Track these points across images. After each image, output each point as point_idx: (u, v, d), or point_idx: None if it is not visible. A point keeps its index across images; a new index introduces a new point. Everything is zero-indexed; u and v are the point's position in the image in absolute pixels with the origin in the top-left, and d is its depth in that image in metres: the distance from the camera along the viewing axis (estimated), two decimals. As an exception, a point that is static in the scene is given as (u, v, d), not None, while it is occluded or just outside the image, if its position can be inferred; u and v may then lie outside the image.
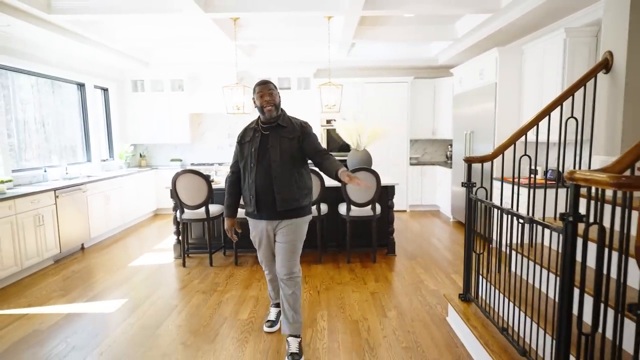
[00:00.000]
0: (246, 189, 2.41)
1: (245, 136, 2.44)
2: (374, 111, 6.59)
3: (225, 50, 6.03)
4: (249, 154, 2.37)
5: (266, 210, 2.37)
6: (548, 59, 3.92)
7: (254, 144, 2.37)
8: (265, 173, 2.32)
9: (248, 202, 2.41)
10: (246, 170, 2.39)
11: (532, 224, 1.93)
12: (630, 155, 1.56)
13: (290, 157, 2.35)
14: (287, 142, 2.35)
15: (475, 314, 2.60)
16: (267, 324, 2.75)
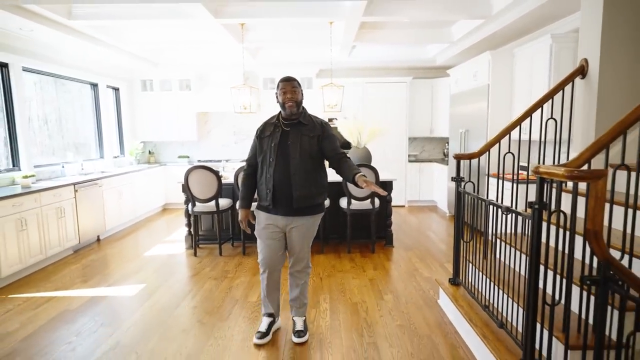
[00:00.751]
0: (263, 182, 2.42)
1: (265, 130, 2.45)
2: (374, 110, 6.87)
3: (231, 52, 6.29)
4: (269, 149, 2.38)
5: (282, 205, 2.39)
6: (536, 62, 4.18)
7: (274, 139, 2.38)
8: (284, 169, 2.35)
9: (264, 196, 2.42)
10: (264, 164, 2.40)
11: (508, 213, 2.21)
12: (587, 153, 1.83)
13: (309, 155, 2.38)
14: (307, 140, 2.38)
15: (463, 295, 2.88)
16: (257, 335, 2.57)
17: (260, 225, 2.51)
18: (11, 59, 4.40)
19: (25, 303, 3.24)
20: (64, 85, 5.53)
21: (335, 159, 2.43)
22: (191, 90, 7.14)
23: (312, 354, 2.46)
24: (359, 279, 3.68)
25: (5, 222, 3.54)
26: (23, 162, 4.55)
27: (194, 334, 2.72)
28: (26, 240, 3.78)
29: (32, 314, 3.05)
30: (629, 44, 2.68)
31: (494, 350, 2.15)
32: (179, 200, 7.06)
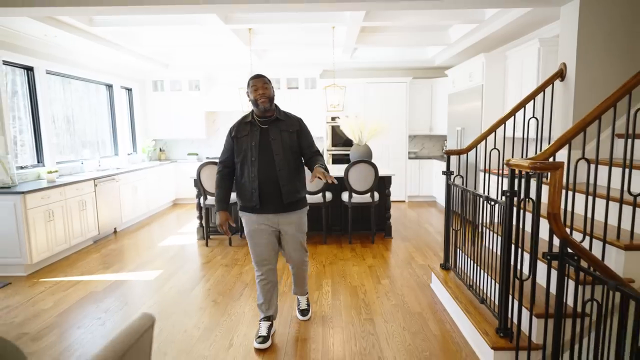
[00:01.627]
0: (246, 182, 2.39)
1: (241, 130, 2.42)
2: (376, 109, 7.16)
3: (238, 53, 6.59)
4: (249, 148, 2.37)
5: (270, 203, 2.40)
6: (526, 64, 4.45)
7: (253, 138, 2.37)
8: (268, 167, 2.35)
9: (248, 196, 2.40)
10: (245, 165, 2.38)
11: (487, 201, 2.50)
12: (552, 148, 2.12)
13: (291, 150, 2.42)
14: (287, 136, 2.40)
15: (452, 278, 3.18)
16: (258, 340, 2.51)
17: (251, 227, 2.47)
18: (36, 63, 4.73)
19: (55, 286, 3.58)
20: (82, 86, 5.87)
21: (309, 155, 2.49)
22: (200, 90, 7.46)
23: (315, 327, 2.77)
24: (358, 266, 3.98)
25: (35, 213, 3.87)
26: (47, 158, 4.89)
27: (209, 311, 3.04)
28: (53, 230, 4.12)
29: (63, 294, 3.38)
30: (602, 50, 2.95)
31: (475, 322, 2.45)
32: (188, 196, 7.41)
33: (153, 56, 6.62)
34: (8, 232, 3.75)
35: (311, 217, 4.82)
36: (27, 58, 4.60)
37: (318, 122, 7.30)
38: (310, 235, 4.93)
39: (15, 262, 3.80)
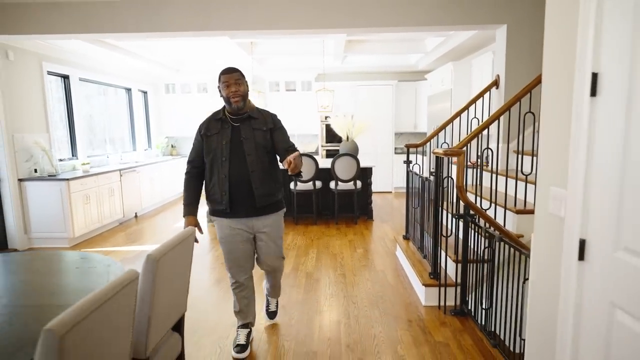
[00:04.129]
0: (215, 185, 2.20)
1: (211, 128, 2.24)
2: (366, 109, 7.99)
3: (241, 60, 7.42)
4: (219, 147, 2.18)
5: (242, 207, 2.21)
6: (484, 71, 5.26)
7: (223, 137, 2.19)
8: (239, 167, 2.18)
9: (218, 199, 2.20)
10: (215, 165, 2.20)
11: (428, 182, 3.33)
12: (465, 140, 2.94)
13: (264, 150, 2.24)
14: (260, 134, 2.22)
15: (410, 246, 4.01)
16: (237, 350, 2.35)
17: (224, 232, 2.28)
18: (71, 72, 5.60)
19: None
20: (106, 90, 6.74)
21: (283, 151, 2.28)
22: (208, 93, 8.31)
23: (300, 280, 3.61)
24: (340, 240, 4.83)
25: (76, 197, 4.75)
26: (80, 152, 5.76)
27: (218, 270, 3.89)
28: (89, 211, 5.00)
29: (102, 259, 4.25)
30: (524, 65, 3.76)
31: (417, 271, 3.29)
32: (197, 187, 8.28)
33: (166, 62, 7.48)
34: (56, 211, 4.62)
35: (304, 202, 5.67)
36: (65, 68, 5.47)
37: (313, 121, 8.14)
38: (303, 218, 5.78)
39: (60, 235, 4.68)
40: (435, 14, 3.76)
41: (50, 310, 1.42)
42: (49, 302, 1.53)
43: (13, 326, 1.32)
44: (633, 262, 1.19)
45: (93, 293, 1.10)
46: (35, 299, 1.57)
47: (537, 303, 1.71)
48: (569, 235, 1.46)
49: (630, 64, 1.18)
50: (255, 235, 2.34)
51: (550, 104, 1.62)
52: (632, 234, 1.19)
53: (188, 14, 3.76)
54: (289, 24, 3.80)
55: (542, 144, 1.68)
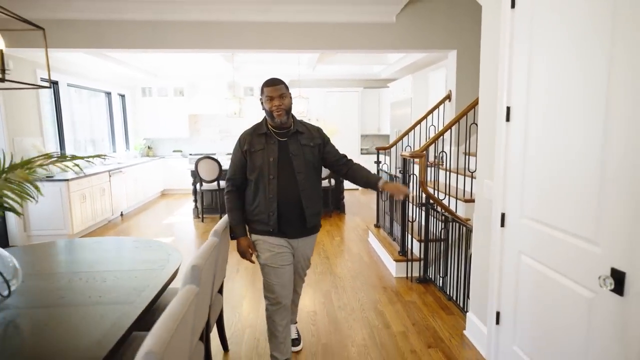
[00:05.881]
0: (261, 204, 2.07)
1: (255, 143, 2.08)
2: (335, 113, 8.72)
3: (219, 66, 7.90)
4: (266, 165, 2.04)
5: (291, 227, 2.10)
6: (439, 83, 6.14)
7: (270, 153, 2.05)
8: (288, 186, 2.05)
9: (264, 219, 2.07)
10: (261, 183, 2.06)
11: (396, 179, 4.09)
12: (426, 145, 3.72)
13: (312, 166, 2.13)
14: (309, 150, 2.11)
15: (381, 232, 4.77)
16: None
17: (269, 252, 2.10)
18: (60, 78, 5.88)
19: (96, 248, 4.84)
20: (88, 94, 6.99)
21: (342, 164, 2.24)
22: (184, 96, 8.69)
23: (290, 262, 4.25)
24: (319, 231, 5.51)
25: (75, 196, 5.10)
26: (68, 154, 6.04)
27: (218, 257, 4.45)
28: (85, 209, 5.35)
29: (106, 252, 4.66)
30: (470, 84, 4.62)
31: (389, 251, 4.03)
32: (175, 187, 8.65)
33: (145, 67, 7.80)
34: (57, 209, 4.95)
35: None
36: (55, 74, 5.74)
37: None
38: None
39: (61, 232, 5.01)
40: (398, 39, 4.52)
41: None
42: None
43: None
44: (530, 224, 1.96)
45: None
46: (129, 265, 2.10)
47: (477, 257, 2.49)
48: (495, 211, 2.23)
49: (526, 103, 1.95)
50: (293, 254, 2.19)
51: (484, 124, 2.40)
52: (529, 208, 1.96)
53: (192, 33, 4.28)
54: (278, 45, 4.42)
55: (479, 152, 2.46)
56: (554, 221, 1.76)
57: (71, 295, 1.74)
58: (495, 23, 2.24)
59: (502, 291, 2.22)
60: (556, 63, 1.72)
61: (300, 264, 2.28)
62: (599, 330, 1.53)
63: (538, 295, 1.90)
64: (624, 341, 1.40)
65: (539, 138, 1.86)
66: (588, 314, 1.57)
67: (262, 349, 2.56)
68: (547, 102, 1.79)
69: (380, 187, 2.17)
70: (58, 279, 1.93)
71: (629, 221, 1.37)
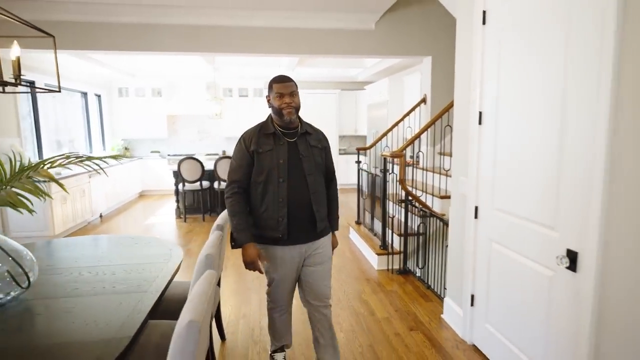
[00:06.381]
0: (269, 209, 1.95)
1: (262, 144, 1.97)
2: (314, 114, 8.90)
3: (198, 66, 7.93)
4: (276, 166, 1.93)
5: (301, 232, 1.98)
6: (414, 87, 6.45)
7: (279, 154, 1.95)
8: (299, 189, 1.95)
9: (273, 225, 1.95)
10: (269, 186, 1.94)
11: (378, 177, 4.33)
12: (405, 145, 3.98)
13: (320, 170, 2.06)
14: (317, 152, 2.04)
15: (362, 229, 5.00)
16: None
17: (275, 262, 2.02)
18: (37, 77, 5.80)
19: (79, 249, 4.84)
20: (66, 94, 6.89)
21: (329, 178, 2.17)
22: (162, 97, 8.67)
23: (276, 258, 4.42)
24: (302, 229, 5.70)
25: (56, 197, 5.07)
26: (45, 155, 5.96)
27: (204, 255, 4.56)
28: (66, 211, 5.31)
29: (90, 253, 4.68)
30: (445, 88, 4.93)
31: (370, 245, 4.27)
32: (154, 187, 8.62)
33: (122, 67, 7.74)
34: (37, 211, 4.91)
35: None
36: (31, 74, 5.66)
37: (266, 125, 8.88)
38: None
39: (42, 234, 4.97)
40: (377, 45, 4.77)
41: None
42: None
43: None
44: (499, 215, 2.22)
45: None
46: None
47: (453, 247, 2.75)
48: (469, 204, 2.49)
49: (496, 108, 2.22)
50: (304, 261, 2.05)
51: (459, 127, 2.66)
52: (499, 201, 2.22)
53: (177, 37, 4.37)
54: (262, 50, 4.58)
55: (454, 152, 2.72)
56: (520, 211, 2.03)
57: (85, 286, 1.86)
58: (469, 36, 2.50)
59: (476, 276, 2.48)
60: (520, 73, 1.99)
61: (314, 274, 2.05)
62: (557, 303, 1.79)
63: (507, 277, 2.17)
64: (578, 310, 1.67)
65: (506, 139, 2.12)
66: (548, 289, 1.84)
67: (257, 336, 2.73)
68: (513, 107, 2.06)
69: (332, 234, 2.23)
70: (67, 273, 2.04)
71: (580, 210, 1.64)
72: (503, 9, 2.13)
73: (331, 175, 2.18)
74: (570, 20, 1.67)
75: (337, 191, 2.23)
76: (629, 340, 1.47)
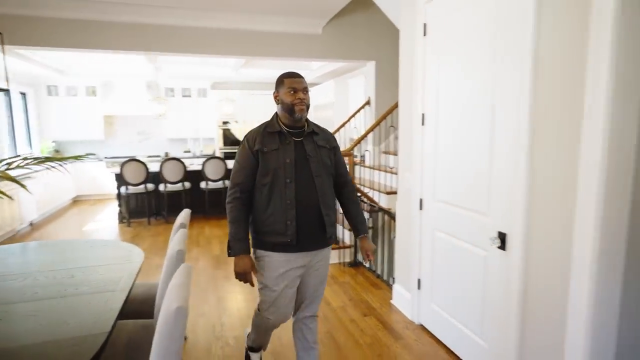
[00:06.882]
0: (276, 212, 1.82)
1: (267, 143, 1.85)
2: (259, 115, 8.94)
3: (138, 65, 7.62)
4: (282, 167, 1.82)
5: (310, 238, 1.86)
6: (358, 89, 6.76)
7: (286, 154, 1.83)
8: (307, 191, 1.83)
9: (280, 230, 1.81)
10: (276, 188, 1.82)
11: (326, 175, 4.53)
12: (352, 144, 4.21)
13: (329, 171, 1.93)
14: (325, 153, 1.93)
15: (312, 226, 5.17)
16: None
17: (276, 272, 1.85)
18: (-47, 73, 5.25)
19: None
20: (-16, 92, 6.29)
21: (342, 181, 2.03)
22: (97, 96, 8.20)
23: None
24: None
25: (-19, 204, 4.65)
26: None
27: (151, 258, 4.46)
28: (-7, 218, 4.89)
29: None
30: (388, 91, 5.26)
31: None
32: (89, 192, 8.13)
33: (49, 63, 7.19)
34: (-41, 220, 4.47)
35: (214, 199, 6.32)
36: (-54, 69, 5.13)
37: (210, 126, 8.76)
38: (215, 213, 6.48)
39: (-35, 245, 4.53)
40: (324, 49, 4.98)
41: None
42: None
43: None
44: (441, 206, 2.50)
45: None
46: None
47: (400, 237, 3.01)
48: (415, 197, 2.75)
49: (436, 110, 2.49)
50: (305, 270, 1.92)
51: (403, 127, 2.92)
52: (440, 193, 2.50)
53: (122, 35, 4.23)
54: (210, 51, 4.58)
55: (399, 150, 2.97)
56: (458, 201, 2.31)
57: (45, 290, 1.82)
58: (411, 46, 2.76)
59: (422, 262, 2.75)
60: (457, 80, 2.27)
61: (311, 284, 1.96)
62: (491, 279, 2.08)
63: (449, 260, 2.44)
64: (508, 283, 1.97)
65: (446, 138, 2.40)
66: (484, 268, 2.13)
67: (218, 332, 2.78)
68: (451, 110, 2.34)
69: (359, 238, 2.04)
70: (22, 279, 1.97)
71: (508, 198, 1.93)
72: (441, 23, 2.40)
73: (345, 178, 2.04)
74: (496, 37, 1.96)
75: (355, 193, 2.09)
76: (549, 306, 1.77)
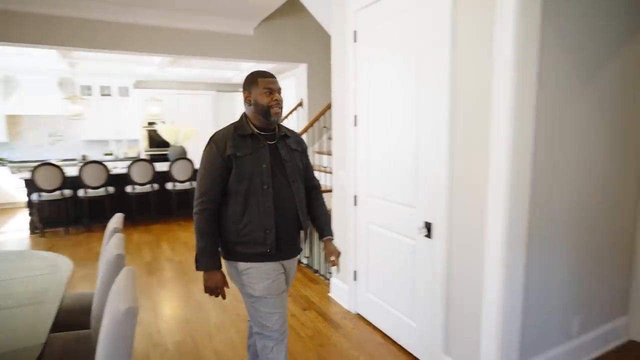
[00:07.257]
0: (253, 221, 1.69)
1: (240, 147, 1.70)
2: (188, 116, 8.65)
3: (47, 60, 6.94)
4: (256, 172, 1.69)
5: (289, 245, 1.78)
6: (290, 91, 6.86)
7: (262, 158, 1.71)
8: (284, 197, 1.73)
9: (259, 239, 1.69)
10: (253, 195, 1.69)
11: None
12: (287, 145, 4.29)
13: (302, 175, 1.85)
14: (298, 157, 1.84)
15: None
16: None
17: (266, 281, 1.72)
18: None
19: None
20: None
21: (311, 185, 1.95)
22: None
23: (172, 264, 4.28)
24: (184, 233, 5.56)
25: None
26: None
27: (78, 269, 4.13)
28: None
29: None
30: (320, 93, 5.43)
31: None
32: (-7, 201, 7.23)
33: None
34: None
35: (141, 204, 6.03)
36: None
37: (134, 127, 8.28)
38: (141, 219, 6.15)
39: None
40: (255, 50, 5.01)
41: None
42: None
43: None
44: (374, 201, 2.68)
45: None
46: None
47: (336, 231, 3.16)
48: (349, 194, 2.92)
49: (367, 112, 2.67)
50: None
51: (337, 128, 3.08)
52: (373, 188, 2.68)
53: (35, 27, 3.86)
54: (134, 48, 4.37)
55: (334, 149, 3.13)
56: (389, 196, 2.51)
57: (-41, 307, 1.66)
58: (342, 51, 2.92)
59: (357, 254, 2.92)
60: (386, 84, 2.47)
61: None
62: (419, 265, 2.30)
63: (382, 251, 2.64)
64: (433, 267, 2.19)
65: (377, 139, 2.59)
66: (413, 256, 2.35)
67: (155, 339, 2.69)
68: (381, 111, 2.53)
69: (323, 240, 1.91)
70: None
71: (433, 192, 2.15)
72: (370, 31, 2.58)
73: (314, 182, 1.97)
74: (418, 50, 2.17)
75: (322, 195, 2.03)
76: (467, 286, 2.02)
